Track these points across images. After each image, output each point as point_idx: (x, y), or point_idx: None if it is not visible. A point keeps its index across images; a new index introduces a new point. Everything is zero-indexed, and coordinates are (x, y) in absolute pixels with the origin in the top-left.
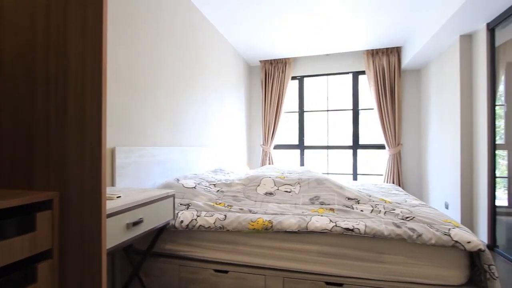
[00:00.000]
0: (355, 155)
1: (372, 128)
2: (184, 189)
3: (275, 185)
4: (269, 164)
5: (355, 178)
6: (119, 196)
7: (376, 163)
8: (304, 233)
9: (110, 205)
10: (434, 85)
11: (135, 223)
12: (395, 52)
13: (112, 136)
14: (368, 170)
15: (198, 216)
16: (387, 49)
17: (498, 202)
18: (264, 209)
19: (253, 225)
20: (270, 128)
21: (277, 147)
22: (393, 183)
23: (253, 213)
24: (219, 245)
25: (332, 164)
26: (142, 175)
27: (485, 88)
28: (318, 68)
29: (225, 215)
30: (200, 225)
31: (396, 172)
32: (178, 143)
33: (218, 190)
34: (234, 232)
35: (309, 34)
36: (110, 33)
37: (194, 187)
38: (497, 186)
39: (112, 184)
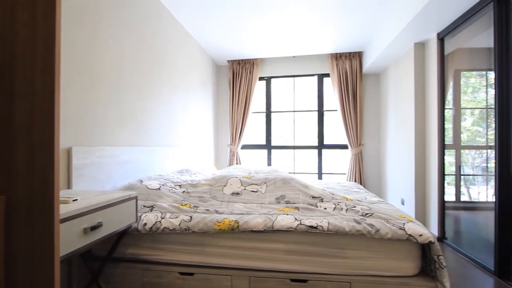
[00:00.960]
0: (320, 155)
1: (336, 129)
2: (148, 191)
3: (241, 185)
4: (237, 164)
5: (320, 177)
6: (76, 199)
7: (339, 162)
8: (270, 232)
9: (64, 209)
10: (392, 89)
11: (94, 228)
12: (357, 56)
13: (68, 135)
14: (332, 169)
15: (162, 218)
16: (349, 53)
17: (447, 198)
18: (231, 209)
19: (219, 225)
20: (237, 128)
21: (245, 147)
22: (355, 181)
23: (219, 214)
24: (185, 247)
25: (299, 164)
26: (102, 176)
27: (436, 93)
28: (285, 70)
29: (191, 216)
30: (165, 227)
31: (358, 171)
32: (142, 143)
33: (183, 191)
34: (200, 234)
35: (277, 36)
36: (67, 25)
37: (158, 189)
38: (452, 183)
39: (69, 187)
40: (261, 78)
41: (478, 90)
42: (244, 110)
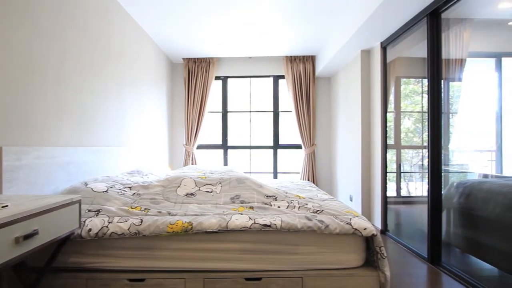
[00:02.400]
0: (275, 154)
1: (290, 129)
2: (94, 194)
3: (196, 185)
4: (192, 164)
5: (275, 177)
6: (6, 206)
7: (294, 162)
8: (224, 232)
9: None
10: (342, 92)
11: (28, 236)
12: (310, 60)
13: None
14: (287, 168)
15: (110, 222)
16: (303, 56)
17: (389, 193)
18: (184, 211)
19: (172, 228)
20: (193, 128)
21: (201, 147)
22: (308, 180)
23: (172, 216)
24: (135, 252)
25: (255, 164)
26: (40, 180)
27: (379, 97)
28: (241, 70)
29: (141, 220)
30: (112, 232)
31: (311, 169)
32: (88, 143)
33: (134, 193)
34: (151, 237)
35: (234, 36)
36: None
37: (105, 191)
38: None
39: None
40: (217, 78)
41: (415, 95)
42: (200, 110)
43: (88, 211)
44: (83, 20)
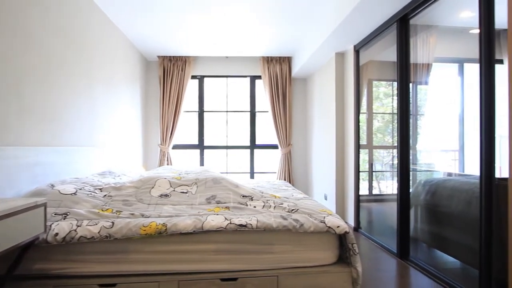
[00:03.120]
0: (252, 154)
1: (267, 129)
2: (61, 196)
3: (171, 186)
4: (168, 165)
5: (252, 177)
6: None
7: (270, 162)
8: (200, 233)
9: None
10: (317, 93)
11: None
12: (286, 61)
13: None
14: (264, 168)
15: (78, 226)
16: (280, 57)
17: (361, 192)
18: (158, 212)
19: (145, 230)
20: (168, 127)
21: (176, 147)
22: (285, 179)
23: (145, 217)
24: (106, 256)
25: (231, 164)
26: (1, 182)
27: (353, 99)
28: (218, 69)
29: (113, 222)
30: (81, 236)
31: (287, 169)
32: (56, 143)
33: (105, 195)
34: (123, 240)
35: (211, 35)
36: None
37: (74, 193)
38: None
39: None
40: (193, 77)
41: (386, 98)
42: (175, 109)
43: (55, 214)
44: (51, 14)
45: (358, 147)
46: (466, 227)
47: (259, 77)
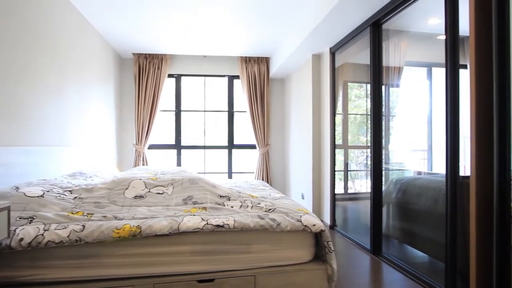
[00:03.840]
0: (230, 154)
1: (245, 129)
2: (27, 199)
3: (146, 187)
4: (143, 165)
5: (230, 177)
6: None
7: (249, 161)
8: (176, 235)
9: None
10: (294, 94)
11: None
12: (264, 61)
13: None
14: (242, 168)
15: (45, 230)
16: (258, 58)
17: (337, 191)
18: (133, 214)
19: (118, 232)
20: (144, 127)
21: (152, 147)
22: (263, 179)
23: (119, 220)
24: (76, 261)
25: (209, 164)
26: None
27: (328, 100)
28: (196, 68)
29: (84, 225)
30: (49, 241)
31: (265, 169)
32: (21, 142)
33: (75, 197)
34: (95, 244)
35: (189, 33)
36: None
37: (41, 196)
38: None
39: None
40: (170, 75)
41: (361, 99)
42: (151, 108)
43: (20, 218)
44: (16, 8)
45: (334, 147)
46: (433, 223)
47: (237, 77)
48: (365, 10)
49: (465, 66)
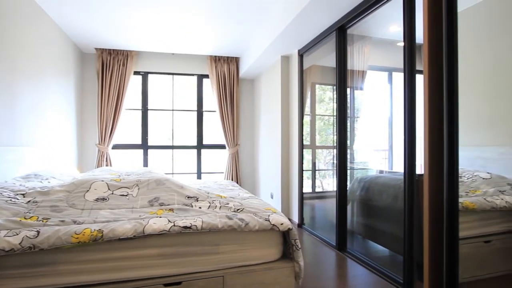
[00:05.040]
0: (199, 154)
1: (214, 129)
2: None
3: (109, 189)
4: (107, 166)
5: (199, 177)
6: None
7: (218, 162)
8: (141, 238)
9: None
10: (264, 94)
11: None
12: (234, 61)
13: None
14: (211, 168)
15: None
16: (228, 57)
17: (305, 190)
18: (94, 218)
19: (77, 238)
20: (108, 126)
21: (117, 147)
22: (232, 179)
23: (78, 224)
24: (30, 270)
25: (177, 164)
26: None
27: (297, 101)
28: (163, 66)
29: (38, 231)
30: None
31: (235, 169)
32: None
33: (29, 201)
34: (51, 251)
35: (156, 29)
36: None
37: None
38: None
39: None
40: (136, 73)
41: (328, 101)
42: (116, 106)
43: None
44: None
45: (302, 147)
46: (393, 219)
47: (206, 76)
48: (331, 15)
49: (421, 72)
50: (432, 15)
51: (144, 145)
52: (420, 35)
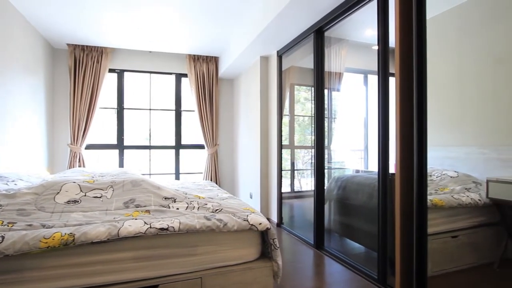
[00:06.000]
0: (177, 155)
1: (193, 129)
2: None
3: (81, 191)
4: (80, 167)
5: (177, 178)
6: None
7: (197, 162)
8: (116, 241)
9: None
10: (243, 95)
11: None
12: (213, 61)
13: None
14: (190, 169)
15: None
16: (207, 57)
17: (284, 189)
18: (64, 221)
19: (46, 242)
20: (81, 125)
21: (91, 147)
22: (211, 180)
23: (47, 228)
24: None
25: (155, 165)
26: None
27: (276, 101)
28: (140, 64)
29: (3, 236)
30: None
31: (214, 169)
32: None
33: None
34: (17, 257)
35: (132, 26)
36: None
37: None
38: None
39: None
40: (111, 70)
41: (306, 101)
42: (90, 104)
43: None
44: None
45: (280, 147)
46: (368, 217)
47: (185, 75)
48: (310, 17)
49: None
50: (403, 22)
51: (120, 145)
52: (393, 39)
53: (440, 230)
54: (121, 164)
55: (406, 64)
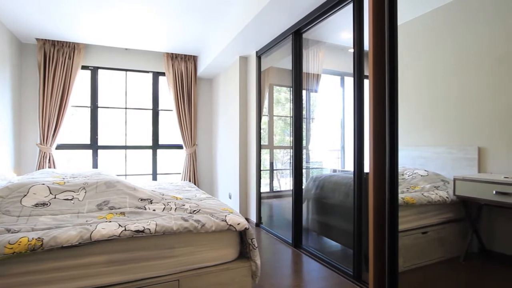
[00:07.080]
0: (155, 155)
1: (171, 129)
2: None
3: (50, 193)
4: (50, 168)
5: (154, 178)
6: None
7: (175, 162)
8: (88, 245)
9: None
10: (222, 94)
11: None
12: (192, 60)
13: None
14: (168, 169)
15: None
16: (185, 55)
17: (263, 189)
18: (32, 225)
19: (12, 248)
20: (51, 124)
21: (62, 147)
22: (190, 180)
23: (13, 233)
24: None
25: (131, 165)
26: None
27: (255, 101)
28: (115, 61)
29: None
30: None
31: (193, 170)
32: None
33: None
34: None
35: (106, 22)
36: None
37: None
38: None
39: None
40: (84, 67)
41: (285, 102)
42: (61, 103)
43: None
44: None
45: (259, 147)
46: (344, 215)
47: (162, 73)
48: (288, 18)
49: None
50: (376, 27)
51: (94, 145)
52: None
53: (412, 227)
54: (95, 165)
55: (378, 68)
